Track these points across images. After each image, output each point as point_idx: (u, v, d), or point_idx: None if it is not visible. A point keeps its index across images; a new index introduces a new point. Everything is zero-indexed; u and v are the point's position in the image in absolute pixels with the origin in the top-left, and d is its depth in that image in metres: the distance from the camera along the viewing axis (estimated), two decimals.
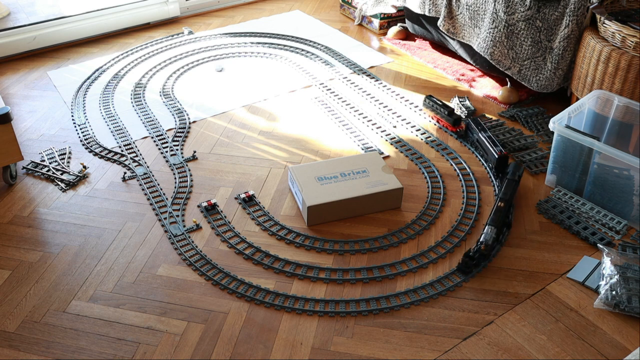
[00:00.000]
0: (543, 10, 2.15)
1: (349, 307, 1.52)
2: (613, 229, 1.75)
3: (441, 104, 2.12)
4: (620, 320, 1.48)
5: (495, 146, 1.97)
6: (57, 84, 2.61)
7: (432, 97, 2.15)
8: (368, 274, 1.62)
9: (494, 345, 1.42)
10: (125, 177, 2.00)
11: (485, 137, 2.02)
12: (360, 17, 3.15)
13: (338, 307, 1.52)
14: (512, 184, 1.81)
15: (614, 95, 1.93)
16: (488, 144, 2.00)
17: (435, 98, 2.14)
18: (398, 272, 1.63)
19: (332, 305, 1.52)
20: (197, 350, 1.41)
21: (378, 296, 1.54)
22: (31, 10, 3.09)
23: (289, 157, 2.12)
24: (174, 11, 3.21)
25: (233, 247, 1.71)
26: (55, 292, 1.57)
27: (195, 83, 2.61)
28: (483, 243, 1.60)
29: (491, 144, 1.99)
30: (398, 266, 1.64)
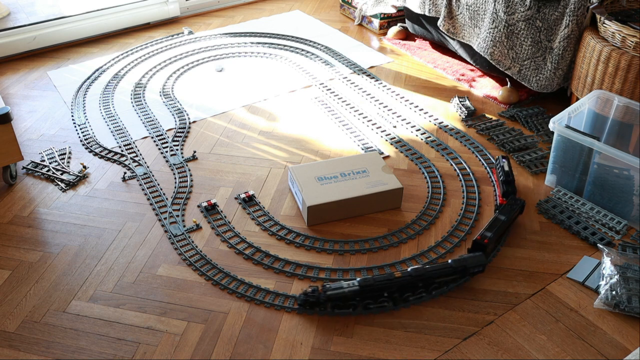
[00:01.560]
0: (543, 10, 2.15)
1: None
2: (613, 229, 1.75)
3: (506, 169, 1.89)
4: (620, 320, 1.48)
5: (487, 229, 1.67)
6: (57, 84, 2.61)
7: (505, 158, 1.94)
8: (368, 274, 1.62)
9: (494, 345, 1.42)
10: (125, 177, 2.00)
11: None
12: (360, 17, 3.15)
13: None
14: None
15: (614, 95, 1.93)
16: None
17: (506, 160, 1.93)
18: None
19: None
20: (197, 350, 1.41)
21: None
22: (31, 10, 3.09)
23: (289, 157, 2.12)
24: (174, 11, 3.21)
25: (233, 247, 1.71)
26: (55, 292, 1.57)
27: (195, 83, 2.61)
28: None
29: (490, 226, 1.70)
30: (398, 266, 1.64)
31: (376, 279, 1.49)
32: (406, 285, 1.51)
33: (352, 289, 1.48)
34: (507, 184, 1.85)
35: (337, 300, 1.48)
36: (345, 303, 1.49)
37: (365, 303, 1.50)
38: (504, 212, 1.73)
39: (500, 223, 1.69)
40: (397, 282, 1.50)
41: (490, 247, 1.64)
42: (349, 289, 1.48)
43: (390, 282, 1.50)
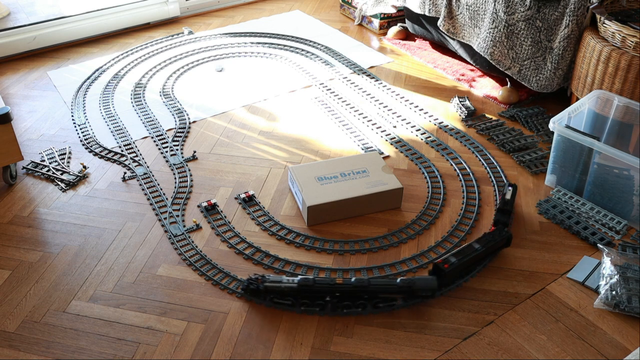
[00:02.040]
0: (543, 10, 2.15)
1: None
2: (613, 229, 1.75)
3: (507, 198, 1.78)
4: (620, 320, 1.48)
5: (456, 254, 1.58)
6: (57, 84, 2.61)
7: (511, 186, 1.82)
8: (368, 274, 1.62)
9: (494, 345, 1.42)
10: (125, 177, 2.00)
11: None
12: (360, 17, 3.15)
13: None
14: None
15: (614, 95, 1.93)
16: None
17: (512, 188, 1.81)
18: (398, 272, 1.62)
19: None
20: (197, 350, 1.41)
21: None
22: (31, 10, 3.09)
23: (289, 157, 2.12)
24: (174, 11, 3.21)
25: (233, 247, 1.71)
26: (55, 292, 1.57)
27: (195, 83, 2.61)
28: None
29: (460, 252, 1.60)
30: (398, 266, 1.64)
31: (316, 281, 1.49)
32: (347, 293, 1.49)
33: (289, 286, 1.49)
34: (501, 213, 1.75)
35: (274, 293, 1.50)
36: (282, 298, 1.50)
37: (302, 302, 1.50)
38: (482, 241, 1.61)
39: (471, 251, 1.58)
40: (337, 288, 1.48)
41: (451, 274, 1.53)
42: (286, 284, 1.49)
43: (331, 287, 1.48)
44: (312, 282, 1.48)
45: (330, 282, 1.49)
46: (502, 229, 1.66)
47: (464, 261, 1.56)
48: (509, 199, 1.79)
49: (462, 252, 1.58)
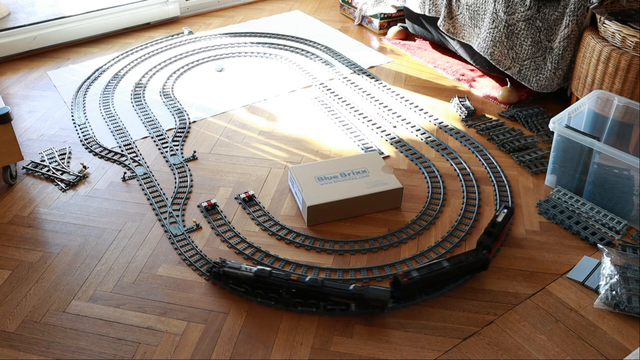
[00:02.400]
0: (543, 10, 2.15)
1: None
2: (613, 229, 1.75)
3: (498, 220, 1.69)
4: (620, 320, 1.48)
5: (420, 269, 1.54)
6: (57, 84, 2.61)
7: (506, 209, 1.72)
8: (368, 274, 1.62)
9: (494, 345, 1.42)
10: (125, 177, 2.00)
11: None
12: (360, 17, 3.15)
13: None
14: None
15: (614, 95, 1.93)
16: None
17: (506, 210, 1.72)
18: (398, 272, 1.62)
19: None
20: (197, 350, 1.41)
21: None
22: (31, 10, 3.09)
23: (289, 157, 2.12)
24: (174, 11, 3.21)
25: (233, 247, 1.71)
26: (55, 292, 1.57)
27: (195, 83, 2.61)
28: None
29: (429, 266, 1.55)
30: (398, 266, 1.64)
31: (272, 274, 1.50)
32: (299, 291, 1.49)
33: (245, 274, 1.51)
34: (486, 235, 1.65)
35: (231, 279, 1.53)
36: (239, 284, 1.52)
37: (256, 292, 1.52)
38: (453, 260, 1.55)
39: (437, 268, 1.52)
40: (291, 284, 1.48)
41: (409, 288, 1.49)
42: (242, 272, 1.51)
43: (285, 282, 1.49)
44: (267, 274, 1.50)
45: (285, 277, 1.50)
46: (479, 250, 1.59)
47: (426, 277, 1.50)
48: (500, 221, 1.69)
49: (428, 267, 1.52)
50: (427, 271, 1.51)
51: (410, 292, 1.51)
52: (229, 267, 1.54)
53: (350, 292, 1.47)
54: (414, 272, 1.50)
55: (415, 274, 1.50)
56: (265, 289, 1.52)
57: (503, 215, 1.71)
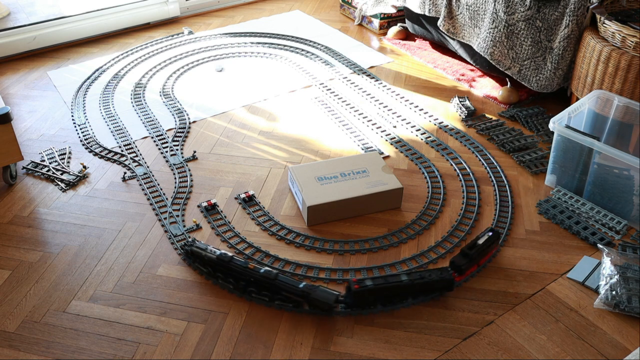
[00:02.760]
0: (543, 10, 2.15)
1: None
2: (613, 229, 1.75)
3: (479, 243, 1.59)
4: (620, 320, 1.48)
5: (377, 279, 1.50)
6: (57, 84, 2.61)
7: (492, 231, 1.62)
8: (368, 274, 1.62)
9: (494, 345, 1.42)
10: (125, 177, 2.00)
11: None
12: (360, 17, 3.15)
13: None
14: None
15: (614, 95, 1.93)
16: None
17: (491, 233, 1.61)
18: (398, 272, 1.62)
19: None
20: (197, 350, 1.41)
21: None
22: (31, 10, 3.09)
23: (289, 157, 2.12)
24: (174, 11, 3.21)
25: (233, 247, 1.71)
26: (55, 292, 1.57)
27: (195, 83, 2.61)
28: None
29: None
30: (398, 266, 1.64)
31: (233, 260, 1.54)
32: (255, 280, 1.52)
33: (209, 256, 1.56)
34: (461, 255, 1.57)
35: (197, 259, 1.59)
36: (203, 265, 1.59)
37: (217, 275, 1.57)
38: (416, 275, 1.50)
39: (392, 280, 1.49)
40: (247, 273, 1.52)
41: (359, 296, 1.46)
42: (206, 254, 1.57)
43: (242, 269, 1.52)
44: (228, 259, 1.54)
45: (243, 265, 1.53)
46: (445, 270, 1.53)
47: (379, 287, 1.47)
48: (480, 244, 1.58)
49: (383, 278, 1.49)
50: (382, 282, 1.48)
51: (361, 299, 1.48)
52: (196, 247, 1.60)
53: (299, 289, 1.48)
54: (367, 281, 1.48)
55: (368, 283, 1.47)
56: (225, 273, 1.56)
57: (486, 238, 1.60)
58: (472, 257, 1.56)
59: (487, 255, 1.62)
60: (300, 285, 1.49)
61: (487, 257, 1.62)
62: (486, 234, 1.61)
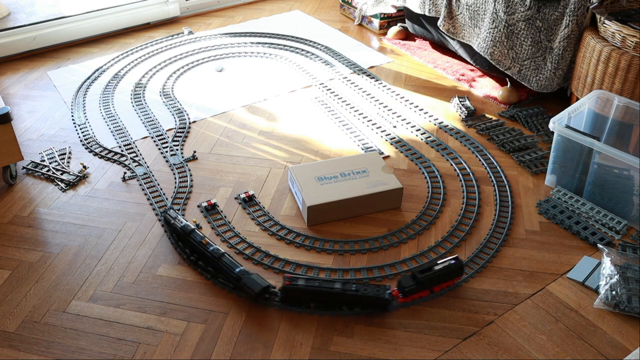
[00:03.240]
0: (543, 10, 2.15)
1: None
2: (613, 229, 1.75)
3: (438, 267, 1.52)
4: (620, 320, 1.48)
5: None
6: (57, 84, 2.61)
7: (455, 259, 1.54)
8: (368, 274, 1.62)
9: (494, 345, 1.42)
10: (125, 177, 2.00)
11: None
12: (360, 17, 3.15)
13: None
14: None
15: (614, 95, 1.93)
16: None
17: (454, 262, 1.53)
18: (398, 272, 1.62)
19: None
20: (197, 350, 1.41)
21: None
22: (31, 10, 3.09)
23: (289, 157, 2.12)
24: (174, 11, 3.21)
25: (233, 247, 1.71)
26: (55, 292, 1.57)
27: (195, 83, 2.61)
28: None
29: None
30: (398, 266, 1.64)
31: (192, 234, 1.64)
32: (205, 257, 1.60)
33: (175, 224, 1.69)
34: (411, 277, 1.50)
35: (169, 225, 1.72)
36: (171, 233, 1.72)
37: (179, 244, 1.68)
38: (350, 286, 1.47)
39: (324, 285, 1.47)
40: (200, 247, 1.61)
41: (288, 292, 1.48)
42: (173, 222, 1.69)
43: (197, 243, 1.62)
44: (189, 231, 1.64)
45: (198, 239, 1.62)
46: (384, 288, 1.47)
47: (309, 289, 1.47)
48: (436, 269, 1.51)
49: (318, 281, 1.49)
50: (314, 284, 1.48)
51: (291, 296, 1.49)
52: (168, 214, 1.72)
53: (232, 273, 1.54)
54: (301, 280, 1.49)
55: (300, 282, 1.48)
56: (184, 243, 1.67)
57: (444, 265, 1.52)
58: (420, 282, 1.48)
59: (444, 284, 1.53)
60: (236, 270, 1.54)
61: (444, 285, 1.53)
62: (448, 261, 1.53)
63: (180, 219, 1.69)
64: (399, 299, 1.51)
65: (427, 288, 1.51)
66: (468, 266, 1.64)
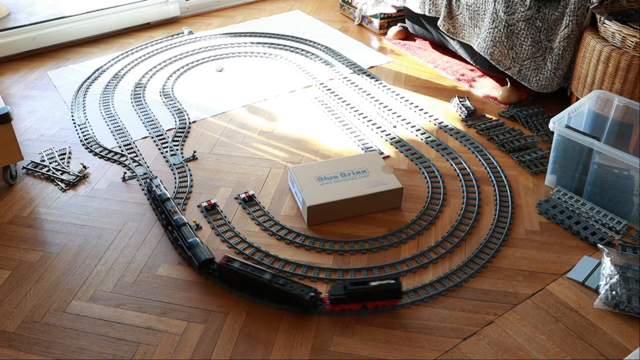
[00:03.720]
0: (543, 10, 2.15)
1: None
2: (613, 229, 1.75)
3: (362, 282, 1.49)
4: (620, 320, 1.48)
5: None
6: (57, 84, 2.61)
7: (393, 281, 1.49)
8: (368, 274, 1.62)
9: (494, 345, 1.42)
10: (125, 177, 2.00)
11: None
12: (360, 17, 3.15)
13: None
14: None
15: (614, 95, 1.93)
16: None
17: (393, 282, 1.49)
18: (398, 272, 1.62)
19: None
20: (197, 350, 1.41)
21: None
22: (31, 10, 3.09)
23: (289, 157, 2.12)
24: (174, 11, 3.21)
25: (233, 247, 1.71)
26: (55, 292, 1.57)
27: (195, 83, 2.61)
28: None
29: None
30: (398, 266, 1.64)
31: (165, 202, 1.76)
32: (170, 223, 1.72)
33: (153, 192, 1.82)
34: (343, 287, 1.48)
35: (150, 193, 1.86)
36: (153, 200, 1.84)
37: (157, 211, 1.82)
38: (279, 279, 1.48)
39: (254, 273, 1.50)
40: (168, 215, 1.73)
41: (222, 270, 1.52)
42: (152, 189, 1.84)
43: (167, 212, 1.73)
44: (164, 199, 1.77)
45: (169, 207, 1.75)
46: (308, 290, 1.46)
47: (240, 273, 1.50)
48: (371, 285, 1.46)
49: (251, 267, 1.51)
50: (246, 269, 1.51)
51: (224, 275, 1.55)
52: (151, 182, 1.87)
53: (187, 243, 1.63)
54: (236, 263, 1.53)
55: (235, 264, 1.52)
56: (158, 210, 1.80)
57: (380, 283, 1.47)
58: (349, 293, 1.45)
59: (379, 302, 1.49)
60: (189, 239, 1.62)
61: (379, 303, 1.49)
62: (387, 280, 1.48)
63: (161, 188, 1.82)
64: (327, 305, 1.49)
65: (357, 302, 1.48)
66: (468, 266, 1.64)
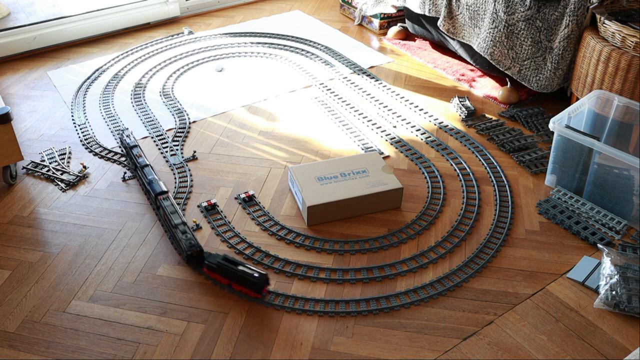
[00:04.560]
0: (543, 10, 2.15)
1: (349, 307, 1.52)
2: (613, 229, 1.75)
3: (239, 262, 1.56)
4: (620, 320, 1.48)
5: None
6: (57, 84, 2.61)
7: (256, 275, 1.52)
8: (368, 274, 1.62)
9: (494, 345, 1.42)
10: (125, 177, 2.00)
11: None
12: (360, 17, 3.15)
13: (338, 307, 1.52)
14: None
15: (614, 95, 1.93)
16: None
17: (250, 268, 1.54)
18: (398, 272, 1.63)
19: (332, 305, 1.52)
20: (197, 350, 1.41)
21: (378, 296, 1.54)
22: (31, 10, 3.09)
23: (289, 157, 2.12)
24: (174, 11, 3.21)
25: (233, 247, 1.71)
26: (55, 292, 1.57)
27: (195, 83, 2.61)
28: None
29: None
30: (398, 266, 1.64)
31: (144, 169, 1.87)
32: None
33: (134, 161, 1.92)
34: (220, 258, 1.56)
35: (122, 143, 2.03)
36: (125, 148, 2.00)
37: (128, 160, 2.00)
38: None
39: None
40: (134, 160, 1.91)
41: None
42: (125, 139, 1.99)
43: (146, 180, 1.83)
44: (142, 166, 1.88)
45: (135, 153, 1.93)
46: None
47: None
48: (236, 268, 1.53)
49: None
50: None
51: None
52: (124, 134, 2.03)
53: (147, 179, 1.82)
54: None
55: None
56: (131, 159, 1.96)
57: (248, 271, 1.52)
58: (219, 265, 1.55)
59: (243, 288, 1.53)
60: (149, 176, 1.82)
61: (243, 289, 1.54)
62: (254, 271, 1.52)
63: (131, 138, 2.01)
64: (204, 268, 1.60)
65: (225, 277, 1.56)
66: (468, 266, 1.64)
